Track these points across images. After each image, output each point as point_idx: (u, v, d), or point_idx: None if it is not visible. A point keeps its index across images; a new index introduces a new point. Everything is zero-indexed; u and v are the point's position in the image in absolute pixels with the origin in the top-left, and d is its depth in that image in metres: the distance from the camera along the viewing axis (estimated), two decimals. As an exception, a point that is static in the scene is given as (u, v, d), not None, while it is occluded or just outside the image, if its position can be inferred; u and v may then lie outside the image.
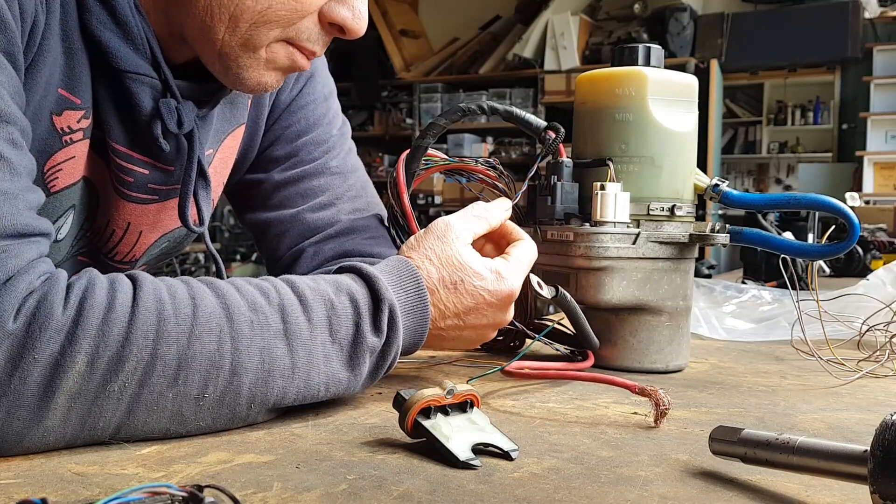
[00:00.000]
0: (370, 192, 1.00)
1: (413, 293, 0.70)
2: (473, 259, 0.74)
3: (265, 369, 0.60)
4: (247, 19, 0.68)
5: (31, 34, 0.64)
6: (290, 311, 0.62)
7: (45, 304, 0.53)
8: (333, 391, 0.64)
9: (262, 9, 0.68)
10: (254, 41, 0.70)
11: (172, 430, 0.58)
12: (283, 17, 0.69)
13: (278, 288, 0.64)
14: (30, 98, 0.66)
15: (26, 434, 0.53)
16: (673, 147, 0.89)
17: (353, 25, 0.72)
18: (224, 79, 0.74)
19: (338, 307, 0.64)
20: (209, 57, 0.72)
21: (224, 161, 0.91)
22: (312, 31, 0.72)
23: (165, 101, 0.73)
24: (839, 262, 2.11)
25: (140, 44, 0.70)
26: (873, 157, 6.05)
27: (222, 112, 0.86)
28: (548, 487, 0.50)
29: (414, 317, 0.70)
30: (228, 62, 0.72)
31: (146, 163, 0.78)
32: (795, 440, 0.49)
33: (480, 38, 6.79)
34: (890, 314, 1.00)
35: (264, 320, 0.60)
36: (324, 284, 0.66)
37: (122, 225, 0.82)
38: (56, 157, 0.71)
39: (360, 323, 0.65)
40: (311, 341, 0.62)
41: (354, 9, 0.71)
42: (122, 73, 0.70)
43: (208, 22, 0.69)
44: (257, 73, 0.73)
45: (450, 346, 0.78)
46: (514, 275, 0.76)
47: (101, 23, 0.68)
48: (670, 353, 0.90)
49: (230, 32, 0.69)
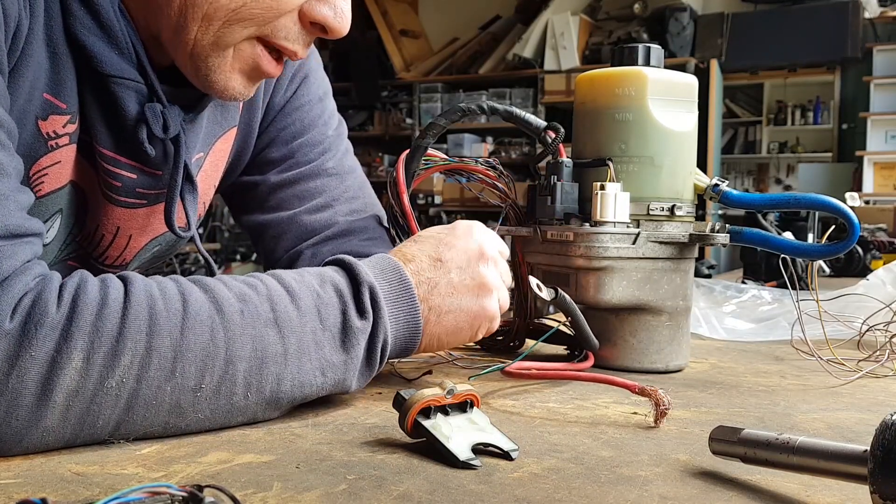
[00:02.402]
0: (368, 193, 1.00)
1: (397, 285, 0.69)
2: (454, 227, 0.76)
3: (258, 357, 0.60)
4: (220, 17, 0.68)
5: (15, 38, 0.63)
6: (279, 301, 0.63)
7: (40, 303, 0.53)
8: (331, 377, 0.64)
9: (237, 6, 0.68)
10: (224, 39, 0.69)
11: (172, 424, 0.58)
12: (258, 16, 0.68)
13: (265, 281, 0.64)
14: (14, 102, 0.66)
15: (25, 434, 0.53)
16: (673, 147, 0.89)
17: (334, 24, 0.71)
18: (195, 81, 0.74)
19: (324, 297, 0.65)
20: (182, 59, 0.72)
21: (215, 164, 0.90)
22: (291, 30, 0.71)
23: (151, 106, 0.72)
24: (839, 262, 2.11)
25: (125, 48, 0.70)
26: (873, 157, 6.04)
27: (212, 115, 0.85)
28: (548, 487, 0.50)
29: (401, 304, 0.69)
30: (198, 63, 0.71)
31: (134, 167, 0.77)
32: (795, 440, 0.49)
33: (480, 38, 6.78)
34: (890, 314, 1.01)
35: (254, 310, 0.61)
36: (309, 277, 0.66)
37: (111, 229, 0.82)
38: (42, 161, 0.71)
39: (346, 310, 0.65)
40: (301, 328, 0.63)
41: (336, 7, 0.71)
42: (107, 78, 0.70)
43: (182, 22, 0.69)
44: (224, 75, 0.72)
45: (449, 325, 0.74)
46: (482, 234, 0.76)
47: (85, 27, 0.68)
48: (670, 353, 0.90)
49: (203, 31, 0.69)
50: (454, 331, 0.74)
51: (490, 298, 0.75)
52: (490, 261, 0.76)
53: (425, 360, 0.93)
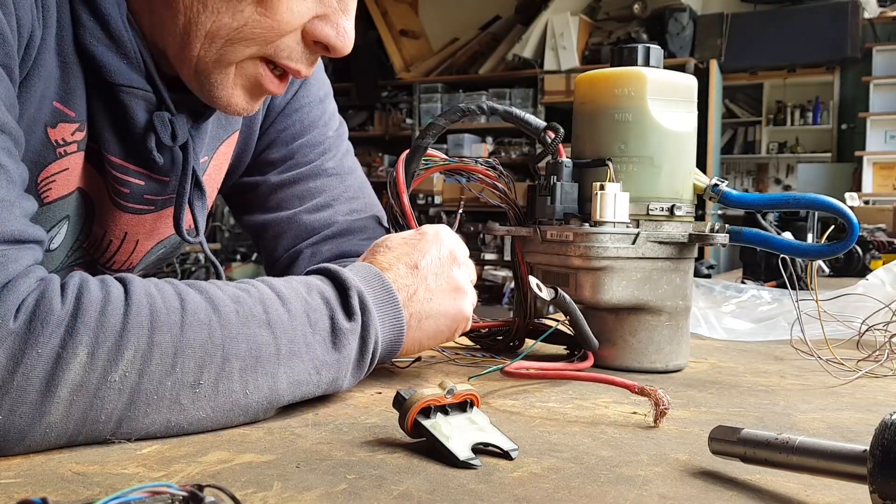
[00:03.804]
0: (367, 193, 1.00)
1: (380, 290, 0.71)
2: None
3: (253, 355, 0.61)
4: (223, 35, 0.69)
5: (28, 48, 0.64)
6: (270, 304, 0.64)
7: (44, 302, 0.54)
8: (325, 375, 0.66)
9: (239, 26, 0.69)
10: (227, 57, 0.71)
11: (173, 422, 0.58)
12: (259, 36, 0.70)
13: (256, 285, 0.66)
14: (24, 110, 0.67)
15: (28, 431, 0.53)
16: (672, 147, 0.89)
17: (337, 44, 0.72)
18: (200, 95, 0.75)
19: (312, 303, 0.66)
20: (187, 74, 0.73)
21: (219, 167, 0.91)
22: (294, 50, 0.72)
23: (159, 114, 0.73)
24: (838, 262, 2.11)
25: (133, 57, 0.71)
26: (872, 157, 6.05)
27: (217, 120, 0.86)
28: (548, 487, 0.50)
29: (386, 309, 0.71)
30: (202, 79, 0.72)
31: (142, 174, 0.78)
32: (795, 440, 0.49)
33: (480, 39, 6.79)
34: (889, 314, 1.01)
35: (248, 311, 0.62)
36: (296, 284, 0.68)
37: (118, 235, 0.82)
38: (50, 168, 0.72)
39: (334, 315, 0.67)
40: (292, 330, 0.64)
41: (339, 27, 0.72)
42: (116, 87, 0.71)
43: (186, 39, 0.70)
44: (227, 91, 0.73)
45: (429, 329, 0.76)
46: (450, 239, 0.79)
47: (94, 37, 0.69)
48: (670, 353, 0.90)
49: (206, 48, 0.70)
50: (434, 335, 0.77)
51: (465, 300, 0.78)
52: (462, 265, 0.79)
53: (426, 359, 0.93)
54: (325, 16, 0.71)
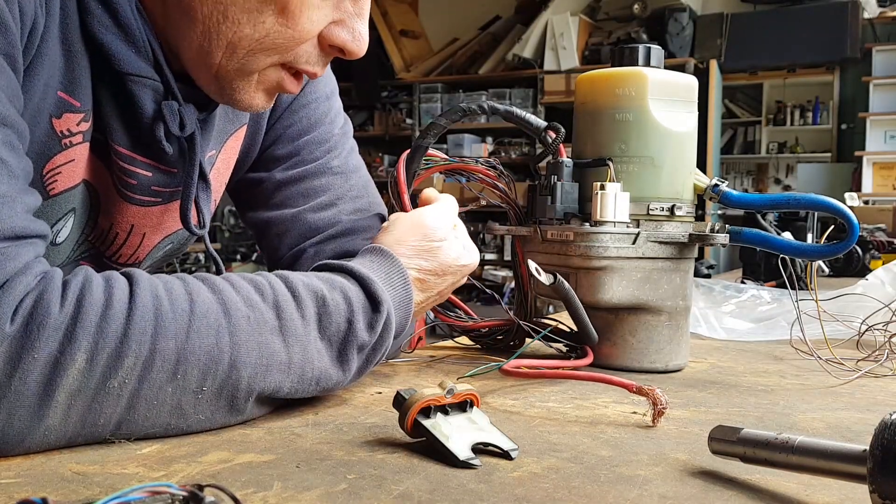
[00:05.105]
0: (372, 192, 1.00)
1: (400, 289, 0.74)
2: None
3: (263, 364, 0.61)
4: (244, 46, 0.69)
5: (31, 36, 0.64)
6: (285, 308, 0.63)
7: (42, 304, 0.53)
8: (323, 386, 0.66)
9: (260, 37, 0.69)
10: (249, 66, 0.71)
11: (173, 425, 0.58)
12: (280, 45, 0.70)
13: (272, 283, 0.65)
14: (28, 100, 0.66)
15: (27, 434, 0.53)
16: (673, 147, 0.89)
17: (353, 47, 0.73)
18: (218, 98, 0.76)
19: (329, 304, 0.66)
20: (205, 78, 0.73)
21: (226, 162, 0.91)
22: (312, 54, 0.73)
23: (168, 104, 0.73)
24: (838, 262, 2.11)
25: (142, 46, 0.70)
26: (872, 157, 6.04)
27: (224, 113, 0.86)
28: (547, 487, 0.50)
29: (400, 311, 0.73)
30: (223, 84, 0.73)
31: (149, 165, 0.78)
32: (794, 440, 0.49)
33: (480, 39, 6.78)
34: (889, 314, 1.01)
35: (260, 316, 0.61)
36: (317, 281, 0.67)
37: (125, 227, 0.82)
38: (55, 159, 0.71)
39: (353, 320, 0.67)
40: (305, 337, 0.64)
41: (354, 31, 0.73)
42: (124, 76, 0.70)
43: (206, 46, 0.70)
44: (249, 94, 0.74)
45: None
46: (435, 227, 0.83)
47: (102, 25, 0.68)
48: (670, 353, 0.90)
49: (227, 58, 0.70)
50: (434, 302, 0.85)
51: (465, 270, 0.85)
52: (456, 244, 0.84)
53: (426, 359, 0.93)
54: (341, 21, 0.72)
